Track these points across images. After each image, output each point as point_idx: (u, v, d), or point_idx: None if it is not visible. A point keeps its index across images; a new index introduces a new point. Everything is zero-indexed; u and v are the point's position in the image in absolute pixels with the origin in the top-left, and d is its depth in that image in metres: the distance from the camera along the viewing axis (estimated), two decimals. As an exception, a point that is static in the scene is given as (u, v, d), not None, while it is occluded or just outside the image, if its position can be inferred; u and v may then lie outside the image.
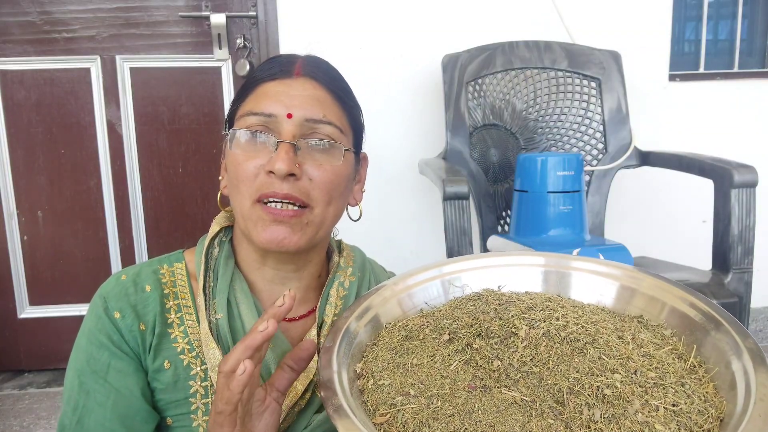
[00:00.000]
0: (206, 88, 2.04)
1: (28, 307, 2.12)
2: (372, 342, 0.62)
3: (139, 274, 0.72)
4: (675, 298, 0.64)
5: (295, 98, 0.68)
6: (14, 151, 2.02)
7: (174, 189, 2.10)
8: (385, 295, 0.68)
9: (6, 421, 1.86)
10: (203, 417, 0.69)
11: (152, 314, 0.70)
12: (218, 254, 0.74)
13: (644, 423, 0.48)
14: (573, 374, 0.52)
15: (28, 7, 1.94)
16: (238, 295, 0.72)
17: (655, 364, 0.54)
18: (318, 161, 0.68)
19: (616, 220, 2.09)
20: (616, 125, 1.88)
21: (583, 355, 0.55)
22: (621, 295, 0.68)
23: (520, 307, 0.62)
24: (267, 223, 0.67)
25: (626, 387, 0.51)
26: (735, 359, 0.54)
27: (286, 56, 0.74)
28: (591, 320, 0.60)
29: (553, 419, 0.50)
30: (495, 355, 0.56)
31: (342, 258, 0.80)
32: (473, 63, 1.86)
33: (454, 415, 0.50)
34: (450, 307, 0.66)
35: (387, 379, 0.55)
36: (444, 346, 0.59)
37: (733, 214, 1.44)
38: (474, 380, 0.54)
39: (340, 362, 0.56)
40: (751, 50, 2.36)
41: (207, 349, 0.68)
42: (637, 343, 0.57)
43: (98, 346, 0.68)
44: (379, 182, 2.10)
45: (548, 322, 0.59)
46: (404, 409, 0.51)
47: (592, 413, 0.49)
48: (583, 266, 0.71)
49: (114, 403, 0.67)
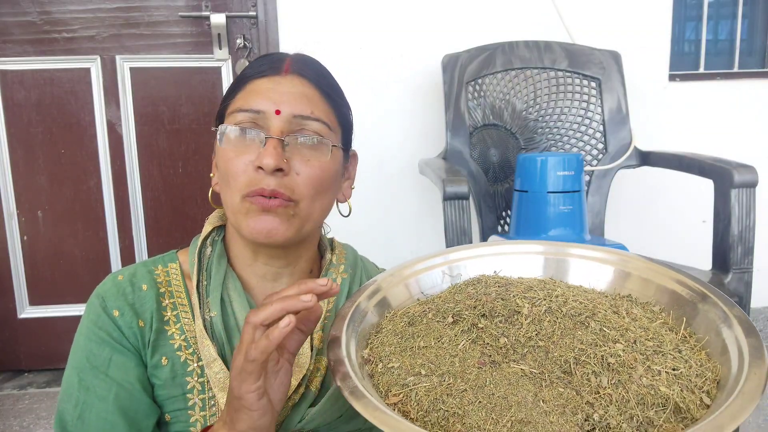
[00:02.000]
0: (206, 88, 2.04)
1: (28, 307, 2.12)
2: (375, 330, 0.63)
3: (135, 274, 0.74)
4: (665, 277, 0.67)
5: (283, 95, 0.69)
6: (14, 151, 2.02)
7: (174, 189, 2.10)
8: (393, 280, 0.70)
9: (6, 421, 1.86)
10: (200, 412, 0.70)
11: (149, 312, 0.71)
12: (211, 253, 0.75)
13: (649, 386, 0.51)
14: (577, 346, 0.55)
15: (28, 7, 1.94)
16: (231, 293, 0.73)
17: (650, 335, 0.57)
18: (306, 157, 0.69)
19: (616, 220, 2.09)
20: (616, 125, 1.88)
21: (585, 328, 0.57)
22: (616, 278, 0.71)
23: (519, 288, 0.63)
24: (255, 213, 0.67)
25: (628, 355, 0.53)
26: (725, 328, 0.57)
27: (276, 54, 0.75)
28: (587, 298, 0.63)
29: (563, 388, 0.52)
30: (501, 333, 0.58)
31: (334, 255, 0.81)
32: (473, 63, 1.86)
33: (467, 390, 0.51)
34: (449, 293, 0.67)
35: (396, 362, 0.56)
36: (449, 328, 0.60)
37: (733, 214, 1.44)
38: (483, 357, 0.56)
39: (349, 348, 0.57)
40: (751, 50, 2.36)
41: (202, 347, 0.69)
42: (631, 317, 0.60)
43: (98, 342, 0.69)
44: (380, 182, 2.10)
45: (549, 299, 0.61)
46: (417, 388, 0.52)
47: (599, 380, 0.52)
48: (580, 252, 0.74)
49: (116, 396, 0.67)
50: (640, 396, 0.50)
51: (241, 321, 0.71)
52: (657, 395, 0.50)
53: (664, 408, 0.50)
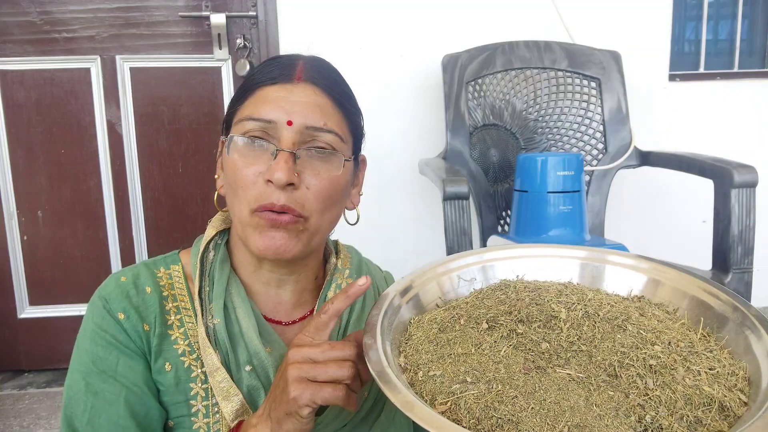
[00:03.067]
0: (206, 88, 2.04)
1: (28, 307, 2.12)
2: (404, 338, 0.63)
3: (139, 275, 0.72)
4: (695, 287, 0.68)
5: (295, 105, 0.67)
6: (14, 151, 2.02)
7: (174, 189, 2.10)
8: (425, 277, 0.70)
9: (6, 421, 1.86)
10: (204, 419, 0.69)
11: (153, 315, 0.69)
12: (214, 258, 0.73)
13: (694, 386, 0.52)
14: (619, 349, 0.55)
15: (28, 7, 1.94)
16: (235, 300, 0.71)
17: (680, 335, 0.58)
18: (317, 170, 0.67)
19: (616, 220, 2.09)
20: (616, 125, 1.88)
21: (623, 331, 0.57)
22: (648, 286, 0.71)
23: (550, 293, 0.63)
24: (264, 228, 0.66)
25: (668, 357, 0.54)
26: (745, 327, 0.59)
27: (287, 58, 0.72)
28: (613, 300, 0.63)
29: (612, 391, 0.52)
30: (542, 338, 0.58)
31: (339, 260, 0.80)
32: (473, 63, 1.86)
33: (518, 396, 0.51)
34: (476, 298, 0.66)
35: (437, 370, 0.55)
36: (486, 334, 0.60)
37: (733, 214, 1.44)
38: (527, 363, 0.56)
39: (387, 357, 0.56)
40: (751, 50, 2.36)
41: (205, 355, 0.68)
42: (657, 319, 0.61)
43: (104, 345, 0.68)
44: (379, 182, 2.10)
45: (584, 303, 0.61)
46: (465, 396, 0.51)
47: (646, 382, 0.52)
48: (615, 260, 0.74)
49: (126, 400, 0.66)
50: (687, 396, 0.51)
51: (245, 327, 0.70)
52: (702, 395, 0.51)
53: (709, 407, 0.51)
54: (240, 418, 0.67)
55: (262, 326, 0.72)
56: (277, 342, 0.72)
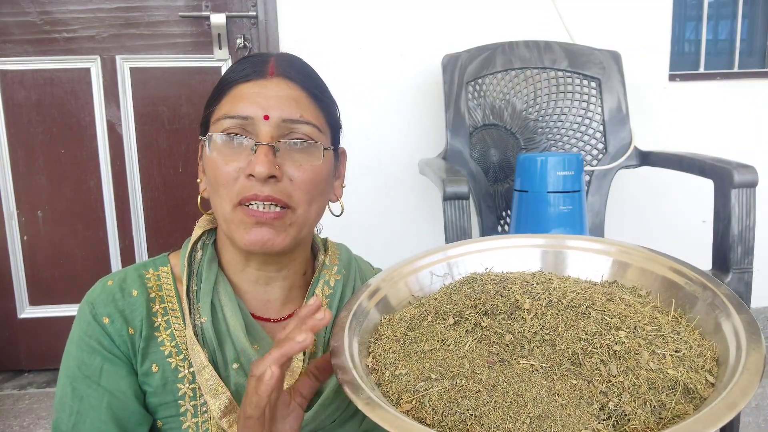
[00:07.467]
0: (206, 88, 2.04)
1: (28, 307, 2.12)
2: (374, 338, 0.63)
3: (125, 279, 0.72)
4: (663, 267, 0.68)
5: (271, 99, 0.67)
6: (14, 151, 2.02)
7: (174, 189, 2.10)
8: (393, 278, 0.70)
9: (6, 421, 1.86)
10: (192, 419, 0.70)
11: (139, 318, 0.70)
12: (201, 258, 0.74)
13: (657, 370, 0.52)
14: (582, 336, 0.55)
15: (28, 7, 1.94)
16: (222, 298, 0.72)
17: (647, 319, 0.58)
18: (297, 162, 0.68)
19: (616, 220, 2.09)
20: (616, 125, 1.88)
21: (587, 318, 0.57)
22: (615, 269, 0.71)
23: (516, 284, 0.63)
24: (250, 226, 0.66)
25: (632, 341, 0.54)
26: (714, 307, 0.59)
27: (258, 56, 0.73)
28: (581, 288, 0.63)
29: (575, 379, 0.52)
30: (505, 330, 0.58)
31: (327, 256, 0.80)
32: (473, 63, 1.86)
33: (481, 390, 0.51)
34: (444, 294, 0.67)
35: (403, 369, 0.56)
36: (452, 329, 0.60)
37: (733, 214, 1.44)
38: (491, 356, 0.56)
39: (353, 358, 0.56)
40: (751, 50, 2.36)
41: (193, 353, 0.68)
42: (626, 303, 0.61)
43: (89, 351, 0.68)
44: (379, 182, 2.10)
45: (548, 292, 0.61)
46: (429, 393, 0.52)
47: (609, 368, 0.52)
48: (578, 245, 0.74)
49: (108, 405, 0.67)
50: (651, 380, 0.51)
51: (232, 326, 0.70)
52: (666, 378, 0.51)
53: (674, 390, 0.51)
54: (228, 416, 0.68)
55: (250, 324, 0.72)
56: (265, 339, 0.72)
